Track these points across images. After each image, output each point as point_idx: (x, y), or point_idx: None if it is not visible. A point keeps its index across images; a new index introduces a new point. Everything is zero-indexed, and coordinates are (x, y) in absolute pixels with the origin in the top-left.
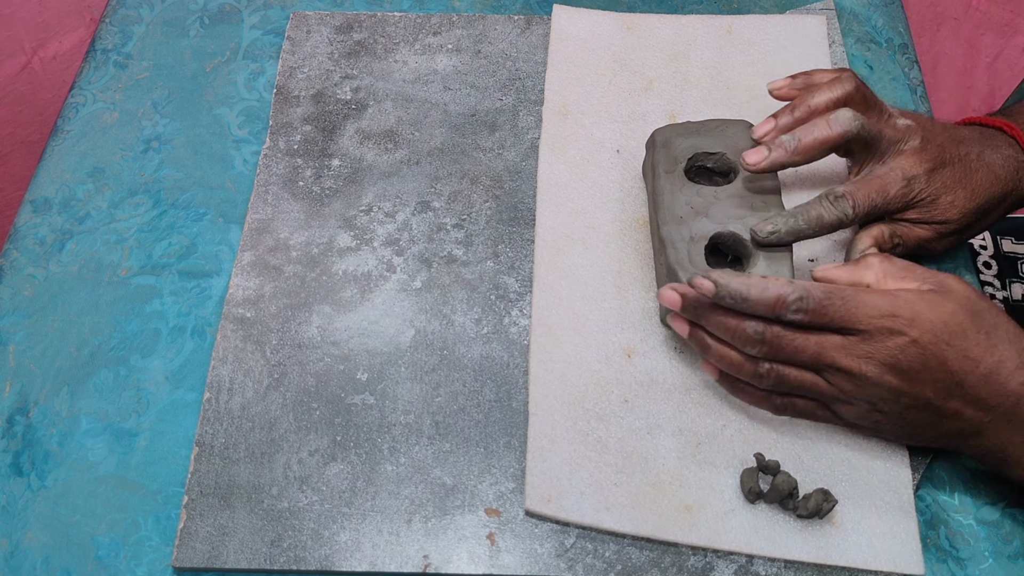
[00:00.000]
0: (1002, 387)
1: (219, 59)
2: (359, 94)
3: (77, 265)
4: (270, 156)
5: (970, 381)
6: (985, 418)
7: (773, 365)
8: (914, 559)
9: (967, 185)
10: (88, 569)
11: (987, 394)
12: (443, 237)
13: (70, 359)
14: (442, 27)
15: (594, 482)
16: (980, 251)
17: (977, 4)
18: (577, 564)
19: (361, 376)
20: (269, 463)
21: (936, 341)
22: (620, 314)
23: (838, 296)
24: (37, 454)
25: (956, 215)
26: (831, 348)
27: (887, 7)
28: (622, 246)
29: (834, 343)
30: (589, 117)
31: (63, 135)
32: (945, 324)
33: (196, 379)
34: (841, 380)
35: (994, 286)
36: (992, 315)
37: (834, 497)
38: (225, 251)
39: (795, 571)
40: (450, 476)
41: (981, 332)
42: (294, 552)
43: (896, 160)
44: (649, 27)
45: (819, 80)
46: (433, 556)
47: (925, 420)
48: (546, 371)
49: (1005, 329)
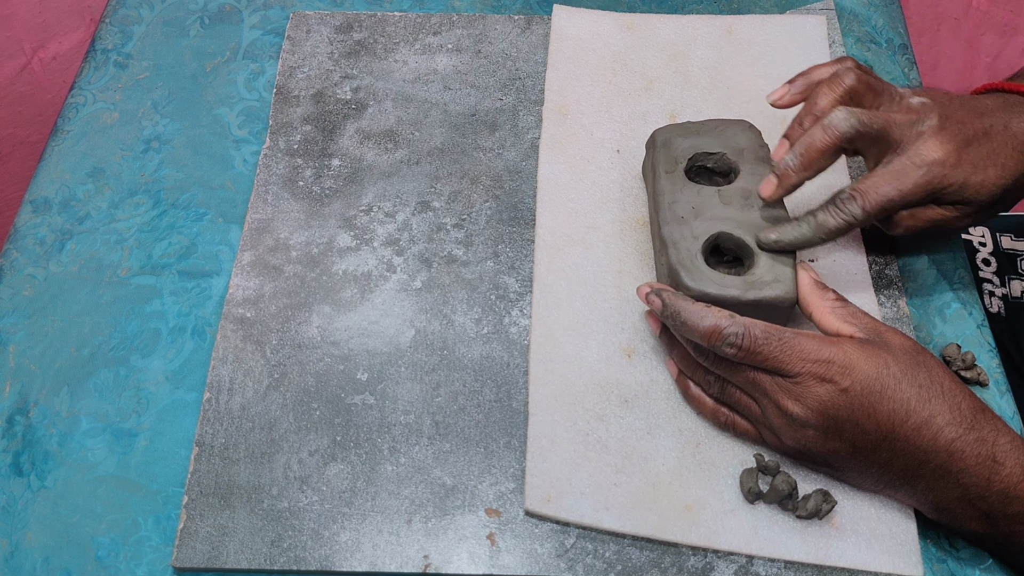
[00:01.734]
0: (932, 442)
1: (219, 59)
2: (359, 94)
3: (77, 265)
4: (270, 156)
5: (899, 434)
6: (917, 471)
7: (718, 376)
8: (913, 560)
9: (996, 161)
10: (88, 569)
11: (916, 448)
12: (443, 237)
13: (70, 359)
14: (442, 27)
15: (594, 482)
16: (979, 248)
17: (977, 4)
18: (577, 564)
19: (361, 376)
20: (269, 463)
21: (866, 392)
22: (620, 314)
23: (775, 337)
24: (37, 454)
25: (987, 196)
26: (764, 381)
27: (887, 7)
28: (622, 246)
29: (767, 379)
30: (589, 117)
31: (63, 135)
32: (878, 375)
33: (196, 379)
34: (772, 413)
35: (993, 283)
36: (927, 368)
37: (833, 498)
38: (225, 251)
39: (795, 571)
40: (450, 476)
41: (914, 386)
42: (294, 552)
43: (914, 146)
44: (649, 27)
45: (819, 77)
46: (433, 556)
47: (855, 467)
48: (546, 371)
49: (940, 383)
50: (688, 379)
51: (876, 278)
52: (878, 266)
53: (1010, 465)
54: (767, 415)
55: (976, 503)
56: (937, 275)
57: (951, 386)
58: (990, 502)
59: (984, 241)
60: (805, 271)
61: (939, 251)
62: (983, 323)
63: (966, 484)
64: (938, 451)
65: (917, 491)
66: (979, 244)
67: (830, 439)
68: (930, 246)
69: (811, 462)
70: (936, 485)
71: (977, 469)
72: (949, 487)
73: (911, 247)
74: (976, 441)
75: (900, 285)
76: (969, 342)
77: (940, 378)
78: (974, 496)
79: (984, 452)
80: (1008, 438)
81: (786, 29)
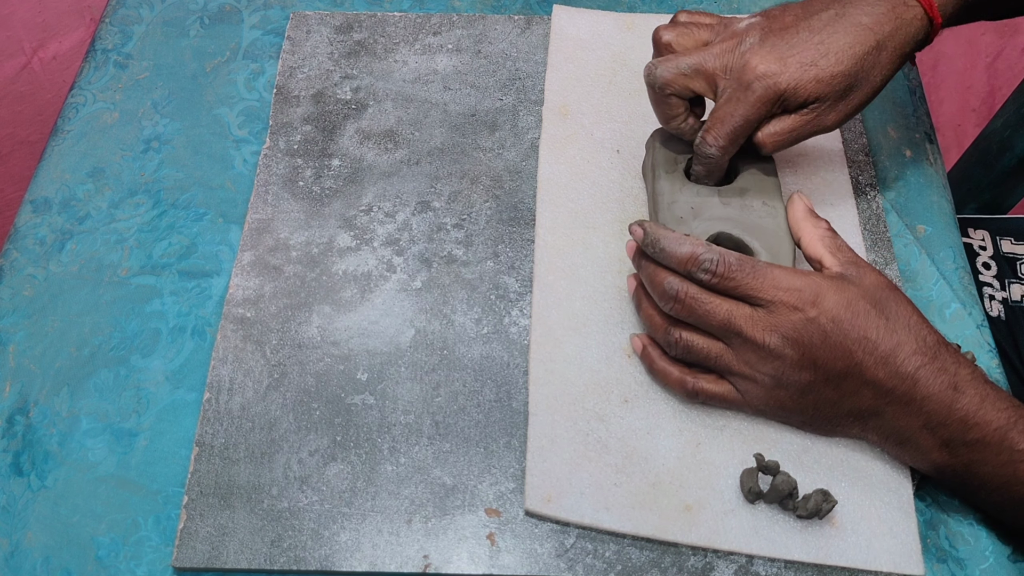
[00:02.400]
0: (899, 369)
1: (219, 59)
2: (359, 94)
3: (77, 265)
4: (270, 156)
5: (868, 363)
6: (883, 400)
7: (683, 334)
8: (914, 559)
9: (827, 52)
10: (88, 569)
11: (884, 376)
12: (443, 237)
13: (70, 359)
14: (442, 27)
15: (594, 482)
16: (979, 252)
17: None
18: (577, 564)
19: (361, 376)
20: (269, 463)
21: (835, 321)
22: (620, 314)
23: (749, 265)
24: (37, 454)
25: (829, 89)
26: (739, 317)
27: None
28: (622, 246)
29: (743, 312)
30: (589, 117)
31: (63, 135)
32: (847, 305)
33: (196, 379)
34: (746, 350)
35: (993, 287)
36: (895, 303)
37: (834, 497)
38: (225, 251)
39: (795, 571)
40: (450, 476)
41: (881, 317)
42: (294, 552)
43: (741, 67)
44: (649, 27)
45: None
46: (433, 556)
47: (825, 399)
48: (546, 371)
49: (907, 317)
50: (653, 352)
51: None
52: (878, 266)
53: (970, 394)
54: (741, 354)
55: (937, 431)
56: (937, 275)
57: (917, 320)
58: (951, 429)
59: (984, 245)
60: (800, 199)
61: (939, 251)
62: (983, 323)
63: (928, 411)
64: (904, 378)
65: (883, 421)
66: (979, 248)
67: (804, 368)
68: (930, 246)
69: (784, 408)
70: (900, 413)
71: (939, 396)
72: (912, 415)
73: (911, 247)
74: (939, 370)
75: (900, 285)
76: (969, 342)
77: (907, 313)
78: (936, 424)
79: (946, 380)
80: (968, 369)
81: None
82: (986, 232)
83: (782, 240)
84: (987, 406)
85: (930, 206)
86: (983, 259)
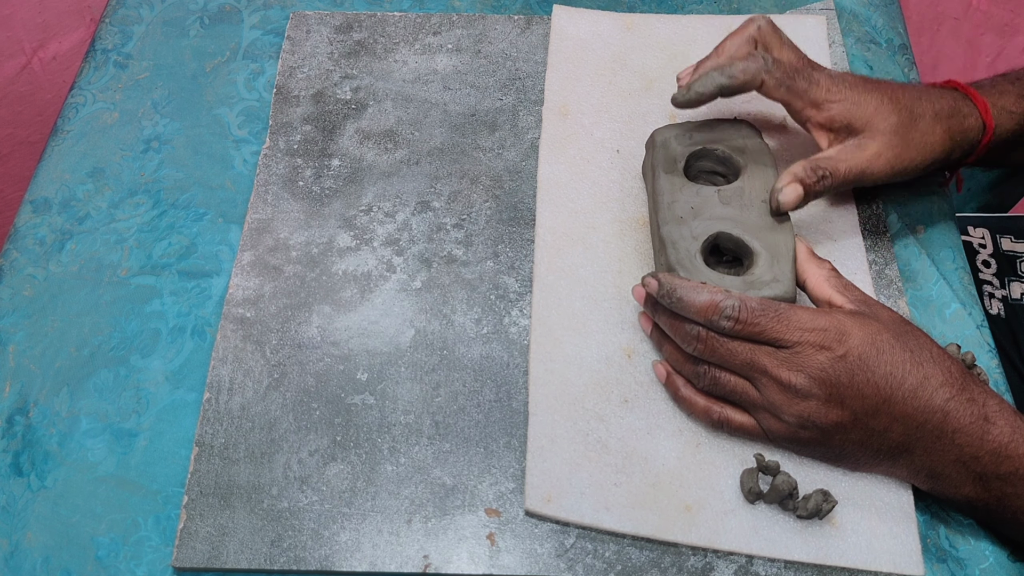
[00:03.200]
0: (928, 403)
1: (219, 59)
2: (359, 94)
3: (77, 265)
4: (270, 156)
5: (897, 397)
6: (913, 435)
7: (710, 367)
8: (914, 559)
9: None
10: (88, 569)
11: (914, 410)
12: (443, 237)
13: (70, 359)
14: (442, 27)
15: (594, 482)
16: (979, 250)
17: (977, 4)
18: (577, 564)
19: (361, 376)
20: (269, 463)
21: (863, 357)
22: (620, 314)
23: (772, 309)
24: (37, 454)
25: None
26: (763, 356)
27: (887, 7)
28: (622, 246)
29: (766, 352)
30: (589, 117)
31: (63, 135)
32: (872, 342)
33: (196, 379)
34: (772, 390)
35: (993, 285)
36: (915, 336)
37: (834, 498)
38: (225, 251)
39: (795, 571)
40: (450, 476)
41: (906, 351)
42: (294, 552)
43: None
44: (649, 27)
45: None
46: (433, 556)
47: (854, 439)
48: (546, 371)
49: (929, 350)
50: (677, 380)
51: (876, 278)
52: (878, 266)
53: (1001, 424)
54: (766, 394)
55: (970, 464)
56: (937, 275)
57: (939, 352)
58: (983, 463)
59: (984, 243)
60: (802, 242)
61: (939, 251)
62: (983, 323)
63: (960, 444)
64: (934, 411)
65: (914, 458)
66: (979, 246)
67: (832, 408)
68: (930, 246)
69: (809, 445)
70: (932, 448)
71: (971, 428)
72: (944, 449)
73: (911, 247)
74: (968, 401)
75: (900, 285)
76: (969, 342)
77: (928, 345)
78: (968, 457)
79: (976, 412)
80: (996, 400)
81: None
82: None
83: (782, 239)
84: (1018, 437)
85: (930, 206)
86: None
